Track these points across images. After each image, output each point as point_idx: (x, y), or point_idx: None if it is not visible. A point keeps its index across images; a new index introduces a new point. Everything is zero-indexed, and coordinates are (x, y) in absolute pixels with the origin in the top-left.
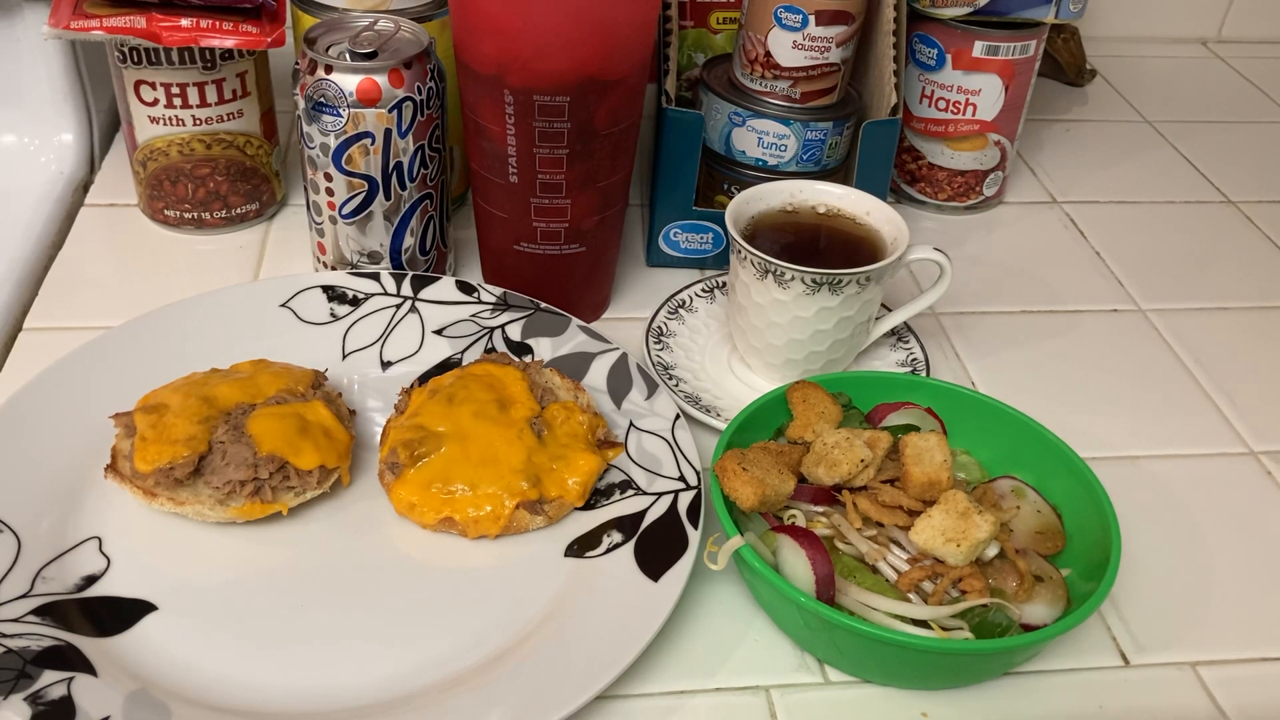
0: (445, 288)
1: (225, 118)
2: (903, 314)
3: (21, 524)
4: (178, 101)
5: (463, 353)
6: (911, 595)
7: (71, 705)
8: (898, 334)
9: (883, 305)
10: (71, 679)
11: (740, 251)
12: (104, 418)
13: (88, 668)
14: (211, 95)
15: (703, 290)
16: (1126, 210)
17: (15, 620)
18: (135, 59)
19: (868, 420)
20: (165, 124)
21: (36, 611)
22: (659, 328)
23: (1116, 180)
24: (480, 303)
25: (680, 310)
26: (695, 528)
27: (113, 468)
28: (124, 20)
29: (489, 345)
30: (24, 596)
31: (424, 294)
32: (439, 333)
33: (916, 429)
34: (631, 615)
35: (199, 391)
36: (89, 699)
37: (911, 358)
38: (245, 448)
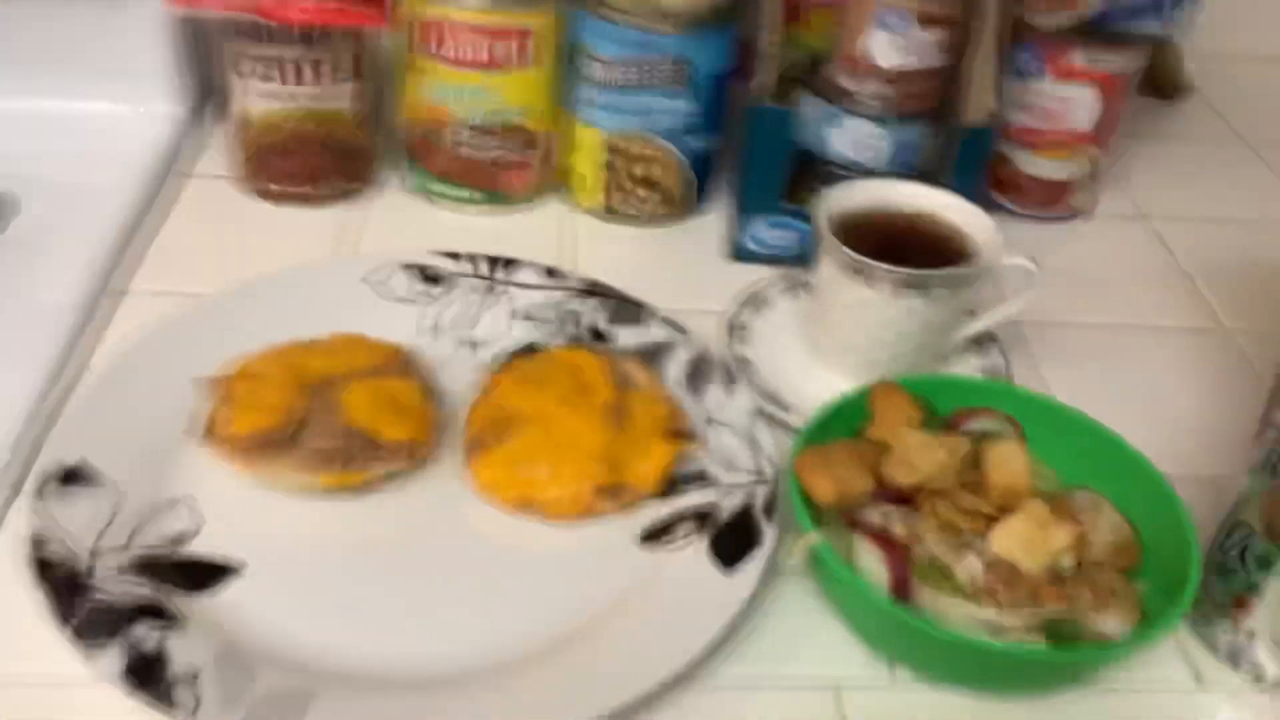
0: (531, 272)
1: (329, 95)
2: (988, 320)
3: (121, 480)
4: (283, 78)
5: (546, 337)
6: (986, 601)
7: (164, 658)
8: (979, 340)
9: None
10: (165, 633)
11: (829, 249)
12: (201, 382)
13: (179, 623)
14: (316, 73)
15: (784, 287)
16: (1217, 229)
17: (113, 571)
18: (244, 34)
19: (948, 425)
20: (269, 99)
21: (132, 565)
22: (739, 322)
23: (1208, 198)
24: (565, 289)
25: (761, 306)
26: (770, 523)
27: (207, 432)
28: None
29: (572, 331)
30: (121, 549)
31: (511, 278)
32: (524, 317)
33: (996, 435)
34: (703, 605)
35: (293, 362)
36: (180, 653)
37: (992, 365)
38: (336, 419)
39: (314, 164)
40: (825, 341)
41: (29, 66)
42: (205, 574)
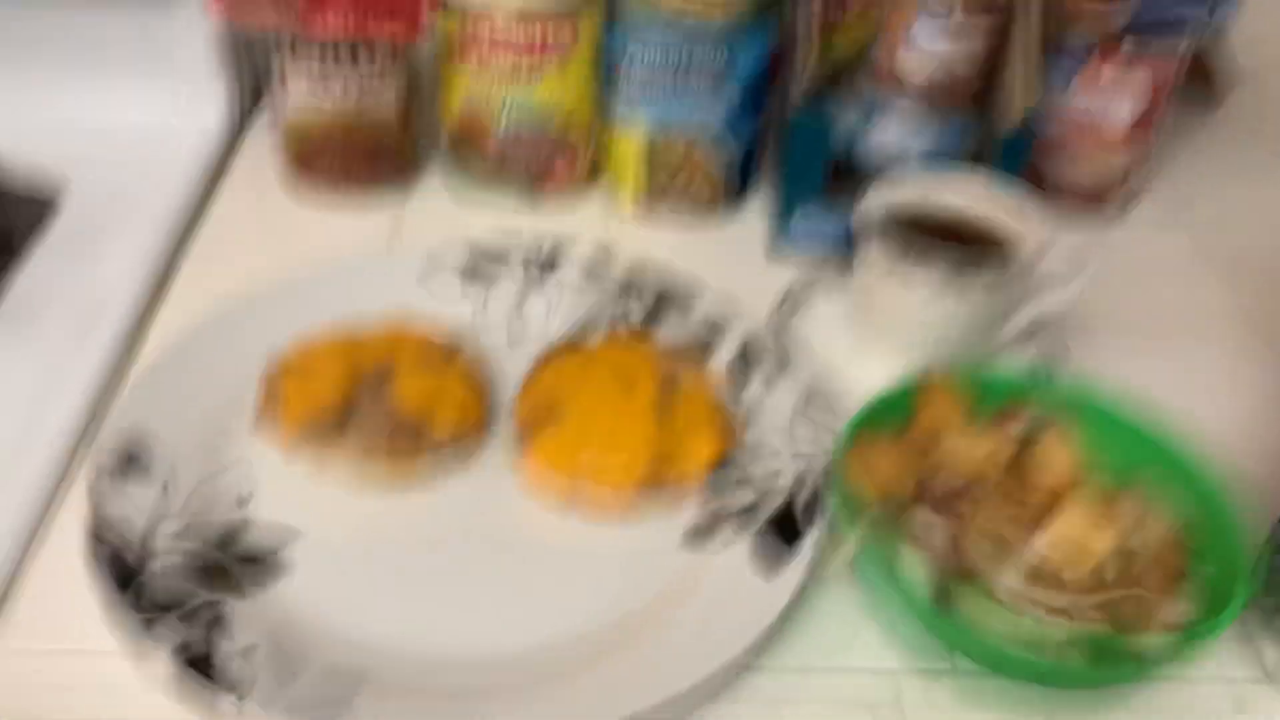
0: (576, 269)
1: (369, 98)
2: (1033, 314)
3: (173, 470)
4: (324, 80)
5: (591, 332)
6: (1029, 608)
7: (212, 649)
8: (1028, 335)
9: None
10: (213, 624)
11: (872, 243)
12: (249, 376)
13: (227, 614)
14: (358, 76)
15: (827, 282)
16: (1259, 233)
17: (164, 560)
18: (287, 38)
19: (995, 419)
20: (311, 101)
21: (183, 555)
22: (782, 318)
23: (1249, 206)
24: (609, 284)
25: (804, 301)
26: (814, 519)
27: (259, 421)
28: (281, 10)
29: (616, 326)
30: (172, 538)
31: (555, 274)
32: (568, 312)
33: (1045, 431)
34: (746, 603)
35: (342, 355)
36: (228, 644)
37: (1040, 360)
38: (385, 409)
39: (354, 165)
40: (869, 336)
41: (74, 72)
42: (254, 564)
